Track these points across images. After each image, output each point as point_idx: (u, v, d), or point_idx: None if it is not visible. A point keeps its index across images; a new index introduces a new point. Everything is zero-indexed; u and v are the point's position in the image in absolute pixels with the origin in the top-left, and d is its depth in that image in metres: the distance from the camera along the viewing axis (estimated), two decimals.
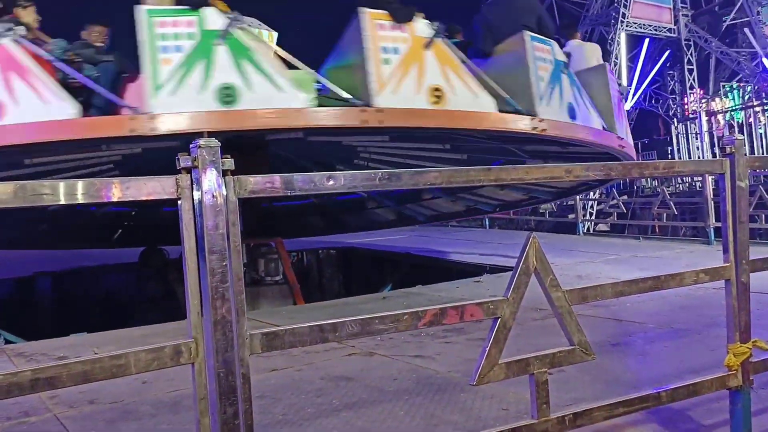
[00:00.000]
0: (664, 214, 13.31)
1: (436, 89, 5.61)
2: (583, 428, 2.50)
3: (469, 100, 5.76)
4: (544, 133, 5.92)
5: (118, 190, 1.67)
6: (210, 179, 1.72)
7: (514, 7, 6.68)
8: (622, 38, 24.28)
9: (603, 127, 6.94)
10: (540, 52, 6.20)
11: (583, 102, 6.61)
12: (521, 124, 5.87)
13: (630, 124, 27.21)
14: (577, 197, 14.04)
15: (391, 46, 5.54)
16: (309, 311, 6.94)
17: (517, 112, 5.94)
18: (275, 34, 10.16)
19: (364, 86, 5.39)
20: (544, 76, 6.15)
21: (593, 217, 18.62)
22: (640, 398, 2.47)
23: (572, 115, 6.33)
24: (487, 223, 15.99)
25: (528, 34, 6.16)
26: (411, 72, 5.57)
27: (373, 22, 5.50)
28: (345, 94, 5.39)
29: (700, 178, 15.30)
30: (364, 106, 5.31)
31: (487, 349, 2.12)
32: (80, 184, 1.69)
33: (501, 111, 5.90)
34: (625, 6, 24.02)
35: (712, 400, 3.12)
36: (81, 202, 1.70)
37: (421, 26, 5.73)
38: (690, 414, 3.19)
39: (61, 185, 1.67)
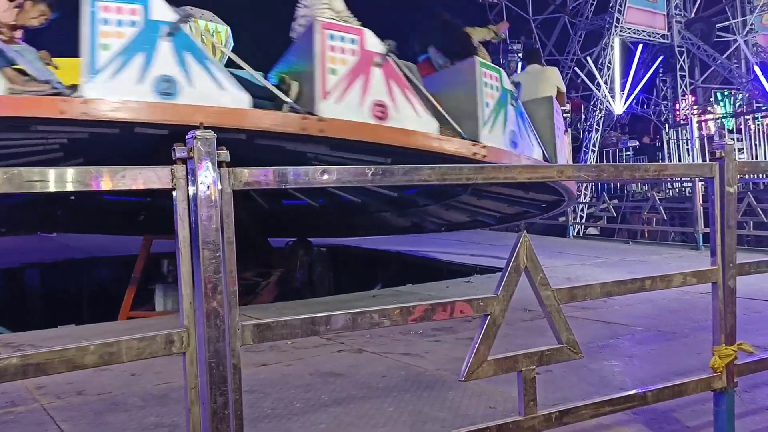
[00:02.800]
0: (654, 219, 13.40)
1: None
2: (570, 427, 2.53)
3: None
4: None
5: (112, 179, 1.68)
6: (205, 171, 1.73)
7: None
8: (616, 43, 24.39)
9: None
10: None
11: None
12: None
13: (624, 129, 27.13)
14: None
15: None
16: (299, 307, 6.94)
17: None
18: (228, 29, 10.05)
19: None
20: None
21: (583, 221, 18.71)
22: (626, 398, 2.50)
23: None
24: None
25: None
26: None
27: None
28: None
29: (689, 184, 15.41)
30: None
31: (476, 345, 2.14)
32: (71, 172, 1.69)
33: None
34: (619, 11, 24.14)
35: (696, 401, 3.16)
36: (72, 190, 1.70)
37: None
38: (675, 415, 3.23)
39: (52, 172, 1.67)
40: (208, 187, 1.74)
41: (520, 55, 28.10)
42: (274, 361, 4.42)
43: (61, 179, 1.68)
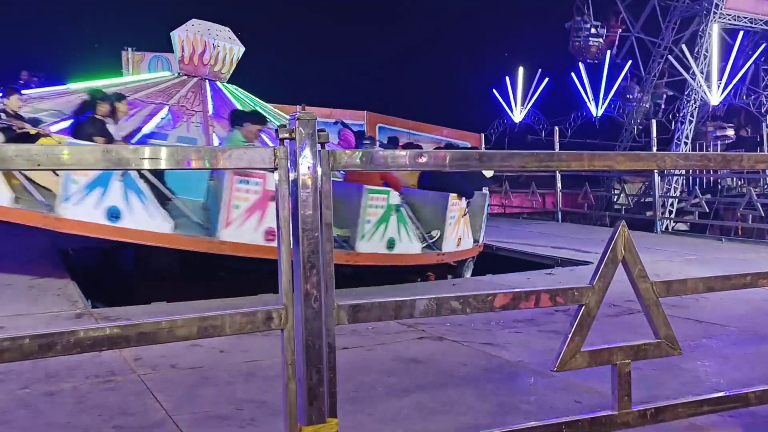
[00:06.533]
0: (750, 216, 12.69)
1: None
2: (657, 426, 2.44)
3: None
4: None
5: (220, 158, 1.74)
6: (306, 152, 1.76)
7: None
8: (715, 30, 23.14)
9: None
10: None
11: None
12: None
13: (719, 118, 25.81)
14: (657, 194, 13.59)
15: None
16: (378, 293, 7.01)
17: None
18: (242, 49, 10.15)
19: None
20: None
21: (672, 215, 17.97)
22: (726, 398, 2.39)
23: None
24: (560, 216, 15.69)
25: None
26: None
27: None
28: None
29: None
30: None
31: (570, 336, 2.10)
32: (165, 151, 1.75)
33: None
34: None
35: None
36: (176, 168, 1.77)
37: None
38: None
39: (147, 150, 1.74)
40: (309, 168, 1.77)
41: (602, 39, 27.20)
42: (356, 345, 4.47)
43: (154, 155, 1.74)
